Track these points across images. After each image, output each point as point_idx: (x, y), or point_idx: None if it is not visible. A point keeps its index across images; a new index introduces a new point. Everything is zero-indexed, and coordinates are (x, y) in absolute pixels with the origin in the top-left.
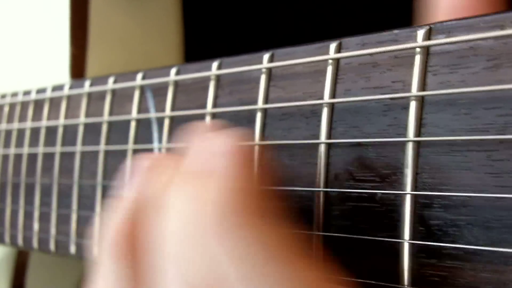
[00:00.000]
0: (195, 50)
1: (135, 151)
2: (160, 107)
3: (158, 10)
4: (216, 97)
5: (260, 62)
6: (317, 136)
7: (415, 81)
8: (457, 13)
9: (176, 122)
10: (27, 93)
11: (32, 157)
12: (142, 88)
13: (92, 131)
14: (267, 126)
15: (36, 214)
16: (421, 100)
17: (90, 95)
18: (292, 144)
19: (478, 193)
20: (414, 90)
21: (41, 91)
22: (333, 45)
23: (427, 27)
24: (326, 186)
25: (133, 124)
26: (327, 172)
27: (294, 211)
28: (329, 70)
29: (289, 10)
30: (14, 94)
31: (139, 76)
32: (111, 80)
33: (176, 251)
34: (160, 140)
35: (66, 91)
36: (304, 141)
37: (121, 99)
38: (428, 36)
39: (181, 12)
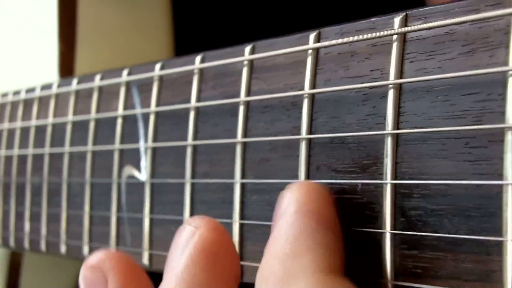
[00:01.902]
0: (185, 47)
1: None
2: (146, 103)
3: (148, 7)
4: (200, 91)
5: (242, 55)
6: (298, 128)
7: (393, 69)
8: None
9: (161, 118)
10: (16, 93)
11: (22, 157)
12: (128, 84)
13: (80, 128)
14: (250, 119)
15: (27, 214)
16: (399, 88)
17: (78, 93)
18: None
19: (457, 181)
20: (392, 78)
21: (30, 90)
22: (312, 35)
23: (403, 14)
24: (308, 178)
25: (119, 121)
26: (308, 165)
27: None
28: (309, 60)
29: (278, 4)
30: (4, 95)
31: (125, 72)
32: (98, 77)
33: None
34: (146, 137)
35: (54, 89)
36: (285, 137)
37: (107, 96)
38: (405, 23)
39: (170, 9)
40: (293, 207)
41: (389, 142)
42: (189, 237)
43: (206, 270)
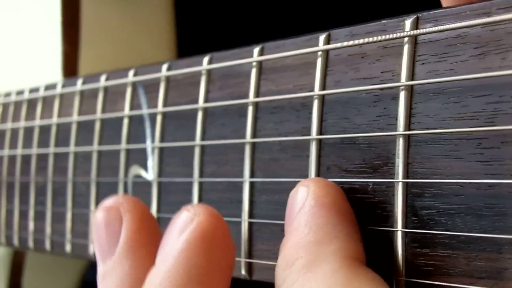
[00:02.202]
0: (187, 47)
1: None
2: (152, 103)
3: (150, 8)
4: (207, 91)
5: (251, 56)
6: (308, 129)
7: (404, 71)
8: None
9: (168, 118)
10: (20, 92)
11: (26, 156)
12: (134, 85)
13: (85, 129)
14: (259, 120)
15: (31, 213)
16: (410, 90)
17: (82, 93)
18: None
19: (469, 181)
20: (403, 79)
21: (34, 90)
22: (322, 37)
23: (415, 17)
24: None
25: (125, 121)
26: (319, 165)
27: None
28: (319, 62)
29: (281, 4)
30: (7, 94)
31: (131, 72)
32: (103, 77)
33: None
34: (152, 137)
35: (58, 89)
36: (296, 137)
37: (113, 96)
38: (416, 25)
39: (173, 10)
40: (312, 200)
41: (400, 143)
42: (187, 222)
43: (202, 256)
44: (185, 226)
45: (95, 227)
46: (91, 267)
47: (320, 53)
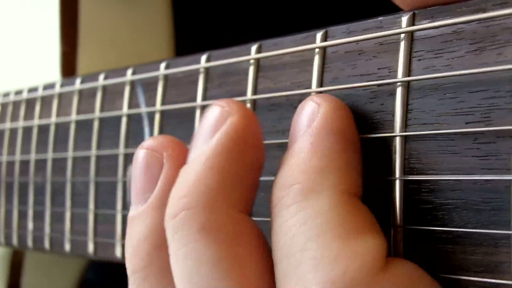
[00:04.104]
0: (186, 47)
1: (127, 148)
2: (151, 102)
3: (148, 7)
4: (205, 90)
5: (248, 54)
6: None
7: (401, 67)
8: None
9: (166, 117)
10: (18, 92)
11: (25, 156)
12: (133, 84)
13: (84, 128)
14: (257, 117)
15: (30, 212)
16: (407, 86)
17: (81, 92)
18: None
19: (465, 176)
20: (400, 76)
21: (32, 90)
22: (319, 34)
23: (411, 13)
24: None
25: (124, 120)
26: None
27: None
28: (316, 59)
29: (278, 2)
30: (6, 94)
31: (129, 71)
32: (101, 76)
33: None
34: (151, 135)
35: (57, 89)
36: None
37: (112, 95)
38: (412, 22)
39: (171, 9)
40: (321, 122)
41: (397, 139)
42: (221, 120)
43: (234, 159)
44: (217, 124)
45: (134, 165)
46: (91, 266)
47: (317, 50)
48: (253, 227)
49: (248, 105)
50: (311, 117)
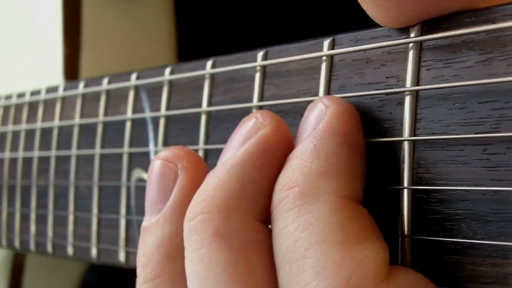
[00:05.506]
0: (188, 50)
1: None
2: (155, 107)
3: (151, 11)
4: (211, 95)
5: (254, 60)
6: None
7: (409, 76)
8: None
9: (171, 122)
10: (21, 95)
11: (28, 159)
12: (137, 89)
13: (87, 132)
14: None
15: (32, 216)
16: (416, 95)
17: (84, 96)
18: None
19: (475, 187)
20: (408, 85)
21: (35, 93)
22: (326, 42)
23: (420, 23)
24: None
25: (128, 125)
26: None
27: None
28: (323, 67)
29: (282, 8)
30: (8, 97)
31: (134, 76)
32: (105, 81)
33: None
34: (155, 140)
35: (60, 92)
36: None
37: (115, 99)
38: (421, 31)
39: (173, 13)
40: (327, 124)
41: (406, 148)
42: (253, 131)
43: (258, 169)
44: (249, 134)
45: (149, 175)
46: (91, 268)
47: (324, 58)
48: (267, 235)
49: (255, 111)
50: (318, 119)
